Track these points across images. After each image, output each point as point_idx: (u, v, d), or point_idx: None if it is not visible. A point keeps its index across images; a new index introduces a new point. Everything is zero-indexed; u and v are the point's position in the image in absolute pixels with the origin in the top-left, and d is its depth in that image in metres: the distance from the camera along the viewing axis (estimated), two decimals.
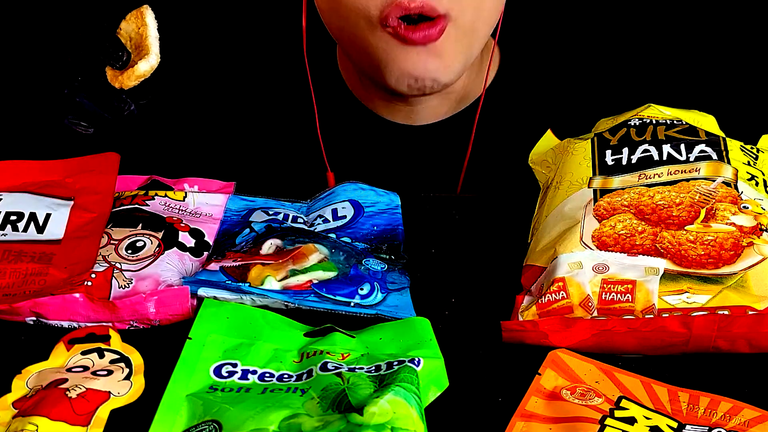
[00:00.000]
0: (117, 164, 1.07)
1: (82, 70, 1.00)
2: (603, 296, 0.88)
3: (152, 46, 0.99)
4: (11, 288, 0.93)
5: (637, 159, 0.99)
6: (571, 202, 0.98)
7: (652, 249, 0.90)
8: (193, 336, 0.86)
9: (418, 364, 0.82)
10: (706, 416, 0.79)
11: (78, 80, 1.00)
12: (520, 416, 0.79)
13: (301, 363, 0.84)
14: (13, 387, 0.83)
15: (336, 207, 1.05)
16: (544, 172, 1.07)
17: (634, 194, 0.95)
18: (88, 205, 1.02)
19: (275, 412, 0.76)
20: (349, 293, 0.93)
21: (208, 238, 1.00)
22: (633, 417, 0.78)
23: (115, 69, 0.99)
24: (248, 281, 0.93)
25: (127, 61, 0.99)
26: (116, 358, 0.86)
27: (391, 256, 1.00)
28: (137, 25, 1.00)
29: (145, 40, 0.99)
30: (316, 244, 0.97)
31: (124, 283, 0.93)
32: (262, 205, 1.06)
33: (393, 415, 0.75)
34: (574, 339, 0.86)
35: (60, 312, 0.90)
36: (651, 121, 1.03)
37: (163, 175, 1.08)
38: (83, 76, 1.00)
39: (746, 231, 0.90)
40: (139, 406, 0.82)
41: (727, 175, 0.95)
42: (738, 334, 0.84)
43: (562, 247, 0.92)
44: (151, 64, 0.99)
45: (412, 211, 1.06)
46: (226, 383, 0.82)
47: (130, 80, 0.99)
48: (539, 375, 0.83)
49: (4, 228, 0.99)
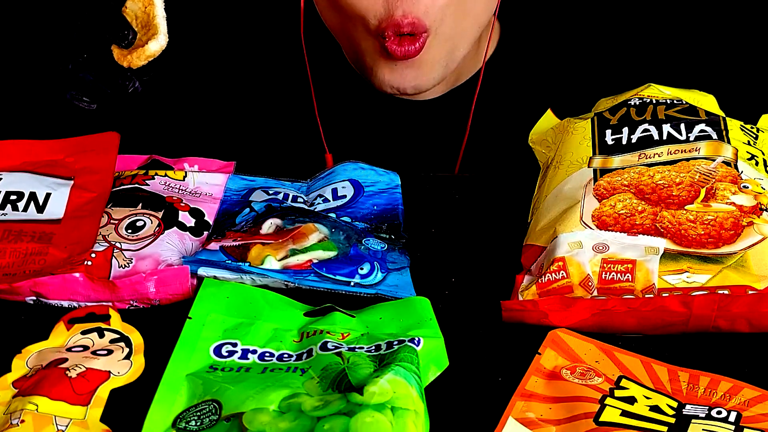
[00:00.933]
0: (117, 144, 1.07)
1: (87, 47, 1.00)
2: (603, 276, 0.88)
3: (160, 26, 0.99)
4: (11, 267, 0.93)
5: (637, 138, 0.99)
6: (571, 182, 0.98)
7: (652, 228, 0.90)
8: (193, 315, 0.86)
9: (418, 343, 0.82)
10: (705, 396, 0.79)
11: (83, 56, 1.00)
12: (520, 396, 0.79)
13: (301, 342, 0.84)
14: (13, 367, 0.83)
15: (336, 186, 1.05)
16: (544, 152, 1.07)
17: (634, 174, 0.95)
18: (88, 184, 1.02)
19: (275, 392, 0.77)
20: (349, 273, 0.93)
21: (208, 218, 1.00)
22: (633, 396, 0.78)
23: (121, 48, 0.99)
24: (248, 261, 0.93)
25: (133, 40, 0.99)
26: (116, 338, 0.86)
27: (391, 236, 1.00)
28: (144, 3, 1.00)
29: (152, 20, 0.99)
30: (316, 223, 0.97)
31: (124, 262, 0.93)
32: (262, 184, 1.06)
33: (393, 394, 0.75)
34: (574, 318, 0.86)
35: (60, 291, 0.90)
36: (651, 101, 1.03)
37: (163, 154, 1.08)
38: (88, 52, 1.00)
39: (746, 210, 0.90)
40: (139, 385, 0.82)
41: (727, 155, 0.95)
42: (738, 313, 0.84)
43: (562, 227, 0.92)
44: (160, 44, 0.99)
45: (412, 191, 1.06)
46: (226, 363, 0.82)
47: (140, 60, 0.98)
48: (539, 354, 0.83)
49: (4, 207, 0.99)
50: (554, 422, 0.77)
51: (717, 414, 0.77)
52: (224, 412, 0.76)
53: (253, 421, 0.75)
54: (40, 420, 0.77)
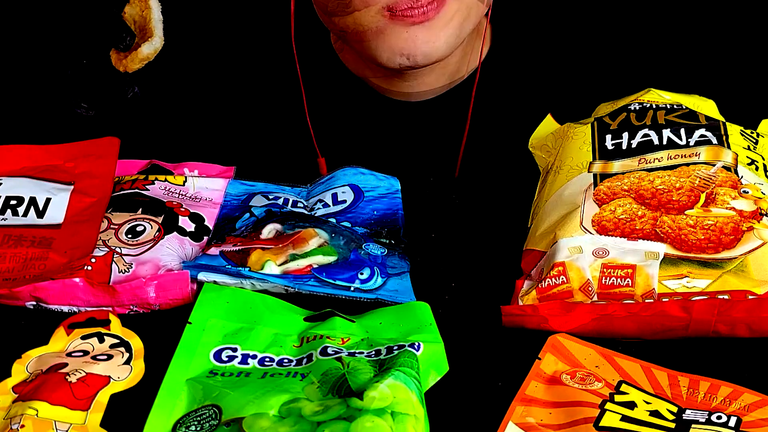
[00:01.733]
0: (117, 149, 1.06)
1: (87, 53, 1.00)
2: (603, 281, 0.88)
3: (156, 29, 0.99)
4: (11, 272, 0.93)
5: (637, 143, 0.99)
6: (571, 187, 0.98)
7: (652, 233, 0.90)
8: (193, 320, 0.86)
9: (418, 348, 0.82)
10: (706, 401, 0.79)
11: (83, 62, 1.00)
12: (520, 400, 0.79)
13: (301, 347, 0.84)
14: (13, 371, 0.83)
15: (336, 191, 1.05)
16: (544, 157, 1.07)
17: (634, 179, 0.95)
18: (88, 189, 1.02)
19: (275, 397, 0.77)
20: (349, 278, 0.93)
21: (208, 223, 1.00)
22: (633, 401, 0.78)
23: (119, 51, 0.99)
24: (248, 266, 0.93)
25: (131, 44, 0.99)
26: (116, 343, 0.86)
27: (391, 241, 1.00)
28: (141, 8, 1.00)
29: (149, 23, 0.99)
30: (316, 228, 0.97)
31: (124, 267, 0.93)
32: (262, 189, 1.06)
33: (393, 399, 0.75)
34: (574, 323, 0.86)
35: (60, 296, 0.90)
36: (651, 106, 1.03)
37: (163, 159, 1.08)
38: (88, 58, 1.00)
39: (746, 215, 0.90)
40: (139, 390, 0.82)
41: (727, 160, 0.95)
42: (738, 318, 0.84)
43: (562, 232, 0.92)
44: (155, 46, 0.99)
45: (412, 196, 1.06)
46: (226, 368, 0.82)
47: (134, 63, 0.99)
48: (539, 359, 0.83)
49: (4, 212, 0.99)
50: (554, 427, 0.77)
51: (717, 419, 0.77)
52: (224, 417, 0.76)
53: (253, 426, 0.75)
54: (40, 425, 0.77)
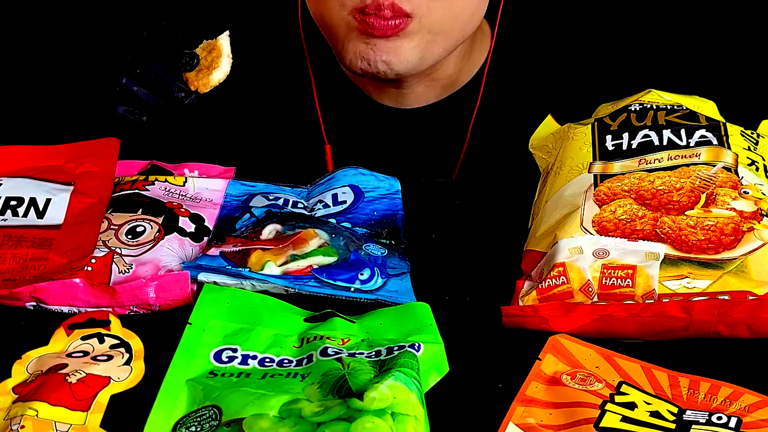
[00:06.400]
0: (117, 149, 1.07)
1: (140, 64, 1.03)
2: (603, 281, 0.88)
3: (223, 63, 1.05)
4: (11, 273, 0.93)
5: (638, 144, 0.99)
6: (572, 187, 0.98)
7: (652, 234, 0.90)
8: (193, 321, 0.86)
9: (418, 349, 0.82)
10: (706, 401, 0.79)
11: (135, 71, 1.03)
12: (521, 401, 0.79)
13: (301, 348, 0.84)
14: (13, 372, 0.83)
15: (336, 192, 1.05)
16: (544, 157, 1.07)
17: (634, 179, 0.95)
18: (88, 190, 1.02)
19: (275, 398, 0.77)
20: (350, 278, 0.93)
21: (209, 223, 1.00)
22: (633, 402, 0.78)
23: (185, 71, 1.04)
24: (248, 266, 0.93)
25: (196, 65, 1.05)
26: (116, 343, 0.86)
27: (391, 241, 1.00)
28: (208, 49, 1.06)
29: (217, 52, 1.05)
30: (316, 229, 0.97)
31: (124, 268, 0.93)
32: (262, 190, 1.06)
33: (393, 400, 0.75)
34: (574, 324, 0.86)
35: (60, 297, 0.90)
36: (651, 107, 1.03)
37: (163, 159, 1.08)
38: (141, 67, 1.03)
39: (746, 216, 0.90)
40: (139, 391, 0.82)
41: (728, 160, 0.95)
42: (738, 319, 0.84)
43: (562, 232, 0.92)
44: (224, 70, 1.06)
45: (412, 196, 1.06)
46: (226, 368, 0.82)
47: (206, 88, 1.06)
48: (539, 360, 0.83)
49: (4, 213, 0.99)
50: (555, 428, 0.77)
51: (717, 420, 0.77)
52: (224, 417, 0.76)
53: (254, 426, 0.74)
54: (40, 425, 0.77)
